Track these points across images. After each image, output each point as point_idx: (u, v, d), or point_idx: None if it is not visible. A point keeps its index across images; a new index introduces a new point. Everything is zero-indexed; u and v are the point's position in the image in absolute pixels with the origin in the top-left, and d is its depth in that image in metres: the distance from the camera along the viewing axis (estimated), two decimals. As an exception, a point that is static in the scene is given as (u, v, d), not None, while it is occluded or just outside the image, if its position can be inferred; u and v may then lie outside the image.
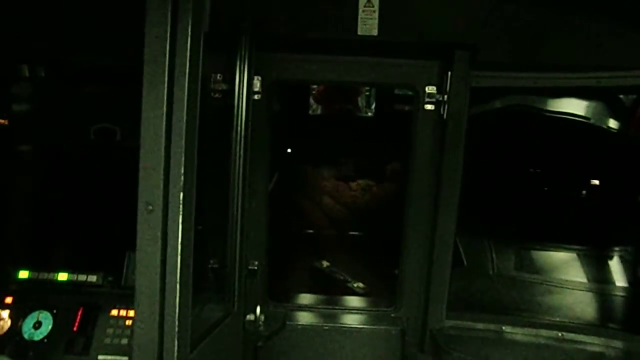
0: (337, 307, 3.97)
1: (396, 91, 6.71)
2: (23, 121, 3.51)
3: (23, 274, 3.28)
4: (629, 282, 4.13)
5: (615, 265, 4.21)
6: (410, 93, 3.61)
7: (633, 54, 3.24)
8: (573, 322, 3.83)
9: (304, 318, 3.79)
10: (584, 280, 4.18)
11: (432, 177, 3.52)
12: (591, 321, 3.97)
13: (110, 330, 3.13)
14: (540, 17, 3.20)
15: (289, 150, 6.19)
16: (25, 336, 3.11)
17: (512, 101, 4.24)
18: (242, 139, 3.29)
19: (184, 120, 2.13)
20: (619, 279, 4.17)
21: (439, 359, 3.55)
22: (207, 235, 3.04)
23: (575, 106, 4.22)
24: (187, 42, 2.11)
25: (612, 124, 4.30)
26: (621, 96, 4.48)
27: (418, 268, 3.64)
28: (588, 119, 4.22)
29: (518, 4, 3.18)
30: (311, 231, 5.71)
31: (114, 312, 3.18)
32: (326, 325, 3.72)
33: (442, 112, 3.42)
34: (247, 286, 3.58)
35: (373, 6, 3.22)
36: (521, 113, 4.19)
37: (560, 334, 3.61)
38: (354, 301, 4.25)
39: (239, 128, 3.26)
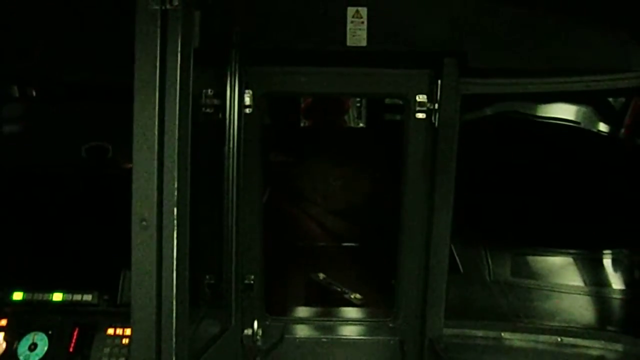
0: (334, 319, 3.95)
1: (387, 101, 6.72)
2: (14, 141, 3.51)
3: (17, 296, 3.25)
4: (626, 284, 4.14)
5: (611, 268, 4.21)
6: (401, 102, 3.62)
7: (621, 57, 3.26)
8: (572, 327, 3.83)
9: (302, 331, 3.77)
10: (581, 283, 4.18)
11: (426, 185, 3.52)
12: (590, 325, 3.97)
13: (107, 350, 3.10)
14: (529, 23, 3.22)
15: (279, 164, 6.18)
16: (21, 358, 3.07)
17: (503, 108, 4.26)
18: (235, 153, 3.29)
19: (176, 136, 2.13)
20: (616, 281, 4.17)
21: None
22: (202, 250, 3.03)
23: (565, 111, 4.24)
24: (177, 58, 2.11)
25: (603, 127, 4.32)
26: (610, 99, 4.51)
27: (414, 277, 3.63)
28: (578, 123, 4.25)
29: (505, 11, 3.20)
30: (302, 244, 5.69)
31: (110, 331, 3.15)
32: (324, 338, 3.70)
33: (433, 121, 3.43)
34: (244, 300, 3.57)
35: (361, 17, 3.24)
36: (513, 119, 4.20)
37: (559, 339, 3.61)
38: (351, 312, 4.23)
39: (231, 142, 3.26)
